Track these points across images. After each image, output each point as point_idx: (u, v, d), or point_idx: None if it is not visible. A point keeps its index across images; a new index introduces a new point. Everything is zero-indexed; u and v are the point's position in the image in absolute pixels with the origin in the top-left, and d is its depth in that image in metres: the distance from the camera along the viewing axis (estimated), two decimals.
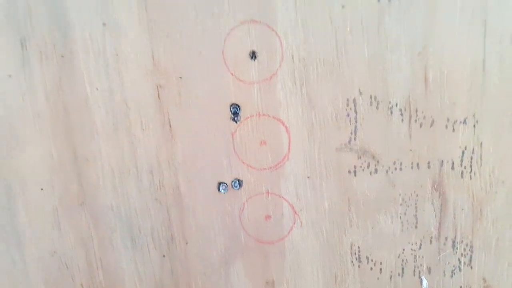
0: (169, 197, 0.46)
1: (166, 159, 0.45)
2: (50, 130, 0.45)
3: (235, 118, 0.43)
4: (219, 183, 0.45)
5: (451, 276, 0.45)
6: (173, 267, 0.48)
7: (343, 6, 0.39)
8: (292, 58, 0.41)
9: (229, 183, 0.45)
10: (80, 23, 0.42)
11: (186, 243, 0.47)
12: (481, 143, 0.41)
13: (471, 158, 0.42)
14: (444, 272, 0.45)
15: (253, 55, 0.41)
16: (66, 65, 0.44)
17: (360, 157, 0.43)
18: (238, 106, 0.43)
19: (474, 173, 0.42)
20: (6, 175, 0.47)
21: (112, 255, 0.49)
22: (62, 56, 0.43)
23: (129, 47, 0.42)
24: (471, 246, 0.44)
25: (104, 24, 0.42)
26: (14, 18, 0.43)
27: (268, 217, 0.46)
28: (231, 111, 0.43)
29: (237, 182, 0.45)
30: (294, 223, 0.45)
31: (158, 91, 0.43)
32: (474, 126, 0.41)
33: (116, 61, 0.43)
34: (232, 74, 0.42)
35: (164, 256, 0.48)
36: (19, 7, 0.43)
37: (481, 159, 0.41)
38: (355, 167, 0.43)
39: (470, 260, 0.44)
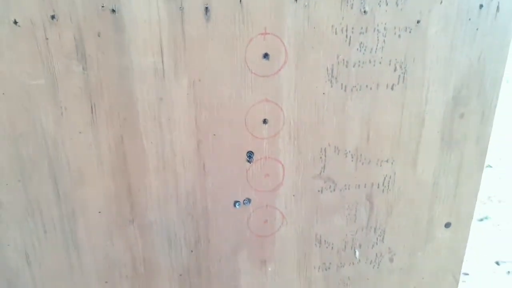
0: (199, 212, 0.66)
1: (199, 187, 0.65)
2: (110, 171, 0.61)
3: (249, 160, 0.64)
4: (235, 201, 0.67)
5: (372, 248, 0.75)
6: (198, 258, 0.69)
7: (323, 94, 0.62)
8: (289, 123, 0.63)
9: (241, 201, 0.67)
10: (142, 98, 0.58)
11: (209, 241, 0.69)
12: (394, 173, 0.69)
13: (389, 182, 0.70)
14: (367, 246, 0.74)
15: (265, 121, 0.62)
16: (128, 125, 0.59)
17: (325, 182, 0.68)
18: (252, 153, 0.64)
19: (390, 190, 0.70)
20: (71, 202, 0.62)
21: (153, 252, 0.68)
22: (125, 119, 0.59)
23: (179, 115, 0.60)
24: (384, 230, 0.73)
25: (160, 99, 0.59)
26: (87, 89, 0.57)
27: (265, 221, 0.69)
28: (247, 156, 0.64)
29: (248, 200, 0.67)
30: (282, 223, 0.70)
31: (198, 144, 0.62)
32: (392, 164, 0.69)
33: (167, 124, 0.60)
34: (250, 133, 0.62)
35: (191, 251, 0.69)
36: (92, 82, 0.57)
37: (394, 182, 0.70)
38: (322, 188, 0.68)
39: (383, 238, 0.74)
